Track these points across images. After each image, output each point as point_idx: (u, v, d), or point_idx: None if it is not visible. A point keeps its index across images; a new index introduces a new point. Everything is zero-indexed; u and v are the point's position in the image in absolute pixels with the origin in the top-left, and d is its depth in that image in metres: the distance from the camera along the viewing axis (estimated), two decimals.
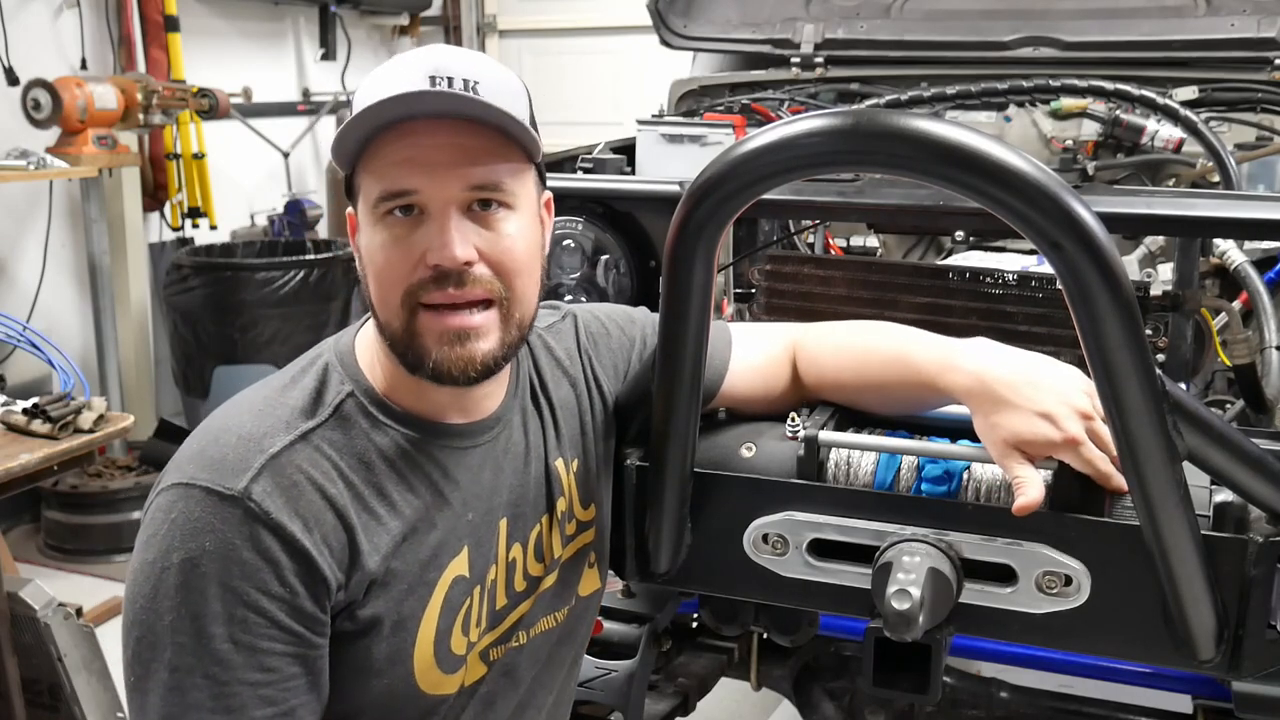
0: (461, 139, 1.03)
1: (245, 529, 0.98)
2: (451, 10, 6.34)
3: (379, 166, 1.03)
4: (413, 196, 1.03)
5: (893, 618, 1.08)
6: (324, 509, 1.02)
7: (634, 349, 1.34)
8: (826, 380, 1.31)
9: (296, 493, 1.01)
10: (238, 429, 1.04)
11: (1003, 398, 1.12)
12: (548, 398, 1.24)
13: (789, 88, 2.63)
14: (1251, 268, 1.78)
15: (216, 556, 0.97)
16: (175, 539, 0.98)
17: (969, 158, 0.91)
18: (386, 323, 1.06)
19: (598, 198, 1.82)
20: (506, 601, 1.17)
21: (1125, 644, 1.18)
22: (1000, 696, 1.87)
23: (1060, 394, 1.11)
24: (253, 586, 0.97)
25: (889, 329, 1.30)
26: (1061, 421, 1.10)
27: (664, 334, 1.15)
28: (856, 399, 1.31)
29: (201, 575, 0.96)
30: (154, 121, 4.10)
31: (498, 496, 1.16)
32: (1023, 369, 1.14)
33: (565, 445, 1.24)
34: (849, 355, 1.29)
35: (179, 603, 0.97)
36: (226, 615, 0.97)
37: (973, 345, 1.20)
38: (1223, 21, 2.42)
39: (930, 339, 1.24)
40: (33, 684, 2.13)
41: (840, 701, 1.99)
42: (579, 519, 1.25)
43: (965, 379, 1.16)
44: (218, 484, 0.99)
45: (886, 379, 1.26)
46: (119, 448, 4.05)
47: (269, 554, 0.98)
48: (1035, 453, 1.12)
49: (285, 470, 1.01)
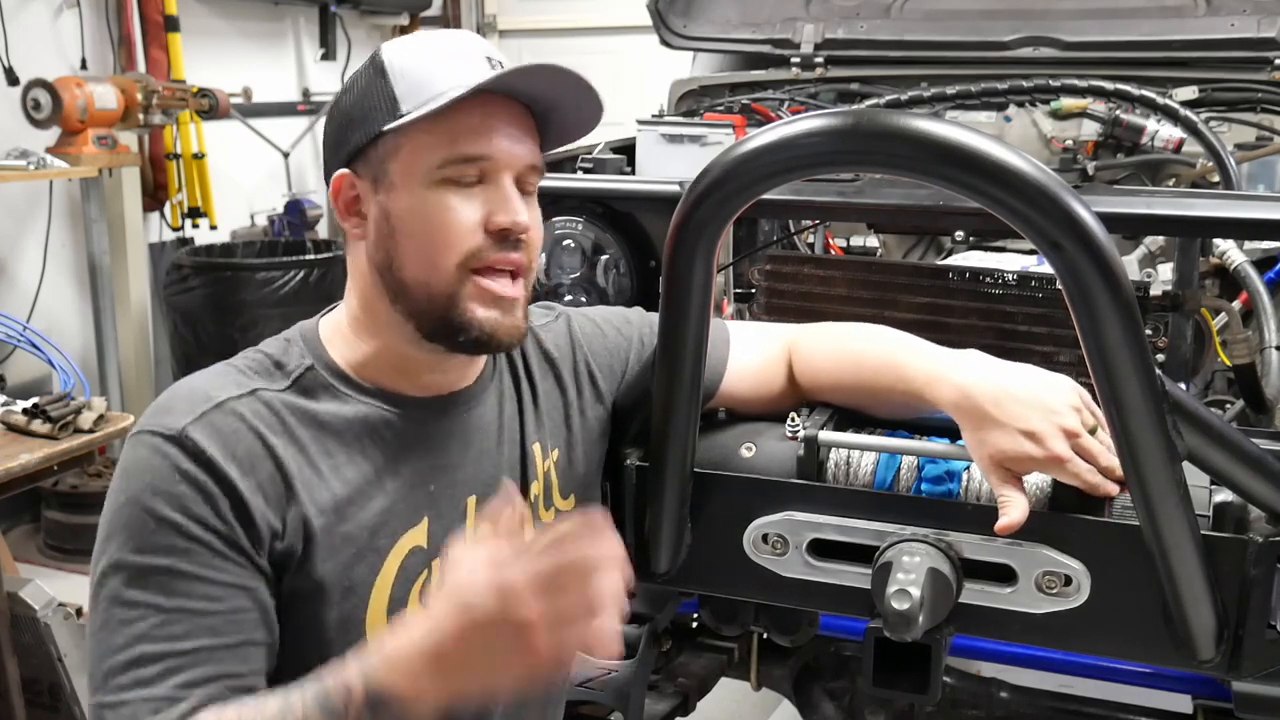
0: (524, 118, 1.10)
1: (182, 466, 1.01)
2: (451, 10, 6.34)
3: (448, 130, 1.05)
4: (484, 163, 1.06)
5: (893, 618, 1.08)
6: (263, 456, 1.04)
7: (630, 349, 1.34)
8: (822, 382, 1.32)
9: (235, 438, 1.03)
10: (190, 385, 1.08)
11: (988, 414, 1.13)
12: (531, 384, 1.25)
13: (789, 88, 2.62)
14: (1251, 268, 1.78)
15: (155, 492, 1.00)
16: (123, 484, 1.02)
17: (969, 158, 0.91)
18: (426, 284, 1.07)
19: (598, 198, 1.82)
20: None
21: (1125, 644, 1.18)
22: (1000, 696, 1.87)
23: (1046, 411, 1.11)
24: (190, 519, 1.00)
25: (884, 335, 1.30)
26: (1046, 440, 1.10)
27: (664, 334, 1.15)
28: (851, 401, 1.31)
29: (143, 511, 0.99)
30: (154, 121, 4.10)
31: (463, 471, 1.16)
32: (1010, 385, 1.14)
33: (546, 433, 1.24)
34: (843, 359, 1.30)
35: (124, 540, 1.00)
36: (168, 546, 0.99)
37: (963, 358, 1.20)
38: (1223, 21, 2.42)
39: (923, 349, 1.24)
40: (33, 684, 2.13)
41: (840, 701, 1.99)
42: (559, 508, 1.25)
43: (952, 393, 1.16)
44: (160, 427, 1.03)
45: (878, 385, 1.26)
46: (119, 448, 4.04)
47: (204, 488, 1.00)
48: (1020, 469, 1.13)
49: (227, 417, 1.04)
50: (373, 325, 1.12)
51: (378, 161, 1.08)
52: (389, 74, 1.07)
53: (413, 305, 1.08)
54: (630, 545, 1.32)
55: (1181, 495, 1.03)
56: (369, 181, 1.09)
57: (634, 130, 2.02)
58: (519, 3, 6.36)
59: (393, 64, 1.08)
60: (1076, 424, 1.11)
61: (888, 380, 1.24)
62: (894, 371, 1.23)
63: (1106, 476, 1.12)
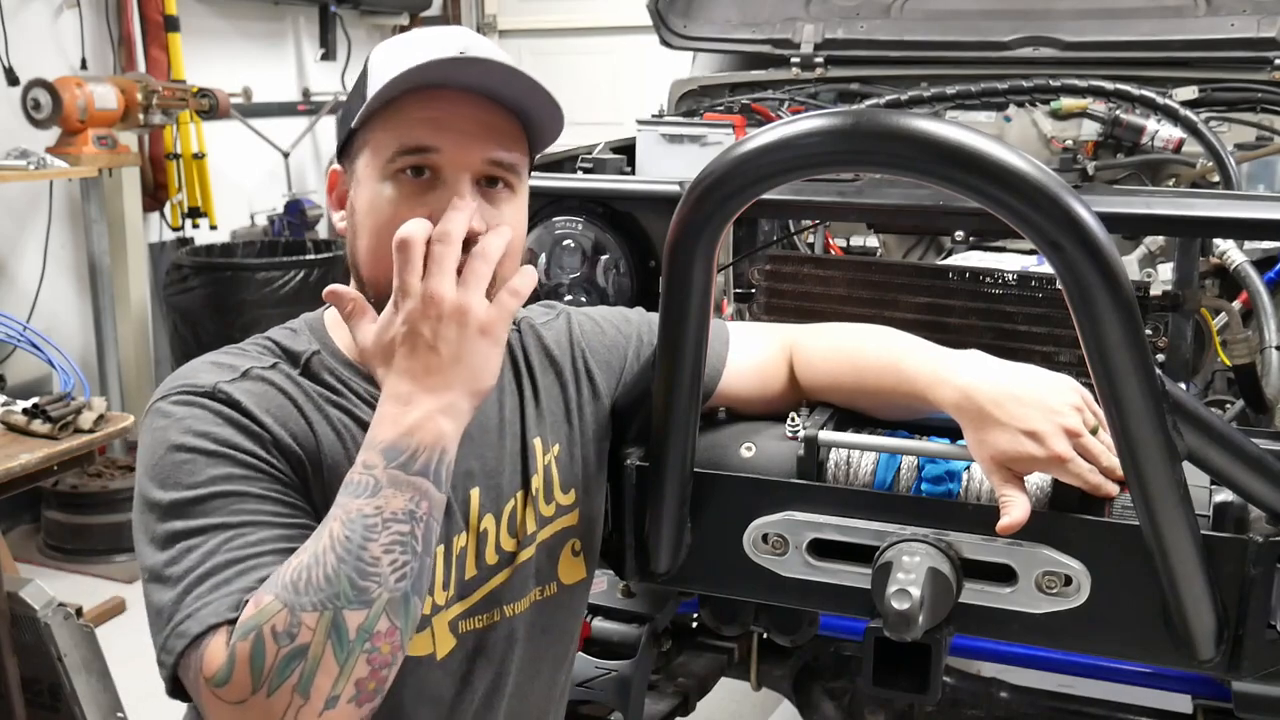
0: (485, 114, 1.06)
1: (223, 412, 1.02)
2: (452, 10, 6.34)
3: (400, 122, 1.05)
4: (431, 155, 1.04)
5: (893, 618, 1.08)
6: (293, 413, 1.06)
7: (630, 346, 1.34)
8: (821, 383, 1.32)
9: (266, 397, 1.05)
10: (206, 361, 1.08)
11: (989, 415, 1.12)
12: (532, 379, 1.25)
13: (789, 88, 2.63)
14: (1251, 268, 1.78)
15: (198, 433, 1.00)
16: (157, 439, 1.01)
17: (969, 158, 0.91)
18: (375, 284, 1.06)
19: (598, 198, 1.82)
20: (476, 573, 1.17)
21: (1125, 644, 1.18)
22: (1000, 696, 1.87)
23: (1047, 410, 1.11)
24: (239, 450, 1.00)
25: (884, 335, 1.30)
26: (1047, 440, 1.10)
27: (664, 334, 1.15)
28: (851, 402, 1.31)
29: (189, 450, 0.99)
30: (154, 121, 4.10)
31: (464, 464, 1.15)
32: (1011, 385, 1.14)
33: (546, 427, 1.24)
34: (843, 360, 1.30)
35: (174, 484, 0.98)
36: (224, 475, 0.98)
37: (963, 359, 1.20)
38: (1223, 21, 2.42)
39: (923, 350, 1.24)
40: (33, 684, 2.13)
41: (840, 701, 1.99)
42: (559, 502, 1.25)
43: (953, 394, 1.16)
44: (187, 387, 1.03)
45: (880, 387, 1.26)
46: (119, 448, 4.05)
47: (247, 429, 1.02)
48: (1021, 469, 1.12)
49: (254, 382, 1.06)
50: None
51: (353, 156, 1.10)
52: (368, 70, 1.09)
53: (371, 301, 1.06)
54: (630, 545, 1.32)
55: (1181, 495, 1.03)
56: (349, 176, 1.11)
57: (634, 130, 2.03)
58: (519, 3, 6.36)
59: (373, 61, 1.10)
60: (1078, 424, 1.11)
61: (890, 382, 1.24)
62: (895, 373, 1.23)
63: (1108, 477, 1.12)
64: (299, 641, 0.88)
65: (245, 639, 0.88)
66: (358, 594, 0.90)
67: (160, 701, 1.04)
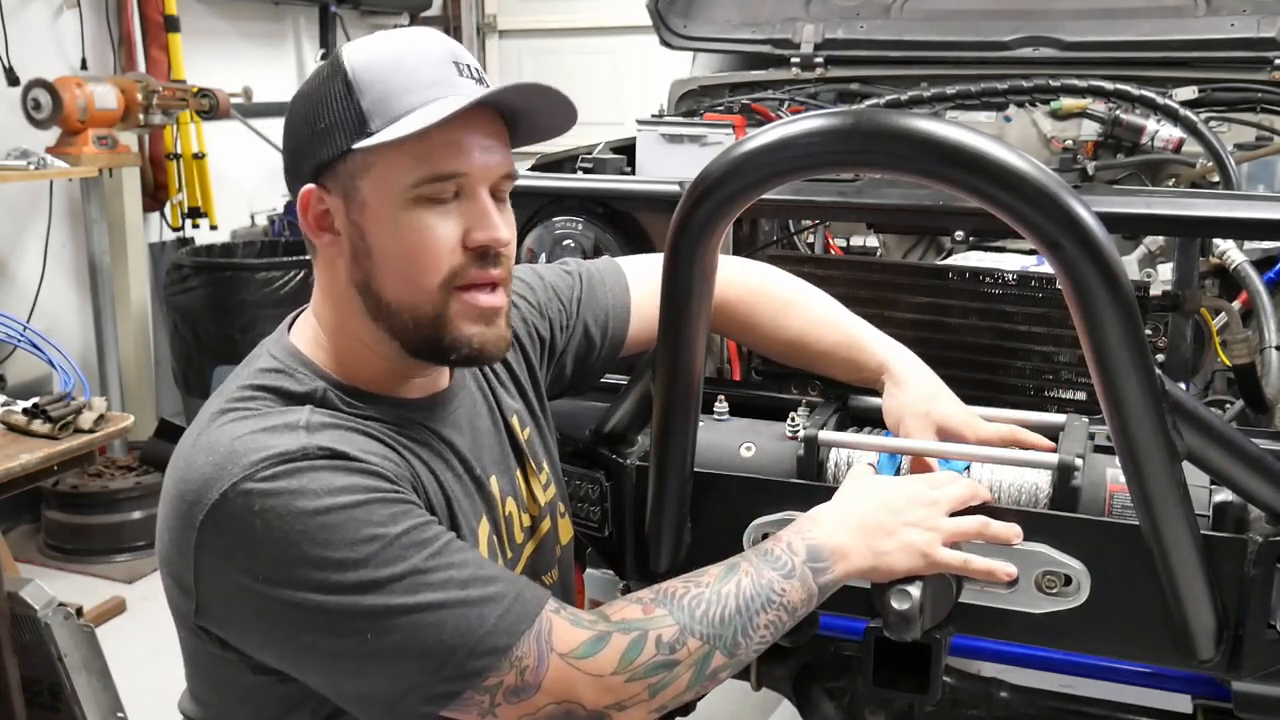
0: (493, 124, 1.07)
1: (339, 466, 0.98)
2: (451, 10, 6.33)
3: (421, 149, 1.01)
4: (460, 180, 1.04)
5: (893, 618, 1.08)
6: (379, 448, 1.04)
7: (568, 291, 1.38)
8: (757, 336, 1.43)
9: (345, 440, 1.01)
10: (251, 436, 1.00)
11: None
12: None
13: (789, 88, 2.62)
14: (1251, 268, 1.78)
15: (337, 490, 0.96)
16: (290, 518, 0.94)
17: (969, 158, 0.91)
18: (413, 307, 1.05)
19: (598, 198, 1.82)
20: (512, 554, 1.20)
21: (1125, 644, 1.18)
22: (1000, 696, 1.86)
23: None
24: (377, 490, 0.98)
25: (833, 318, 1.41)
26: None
27: (664, 334, 1.15)
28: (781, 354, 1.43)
29: (339, 510, 0.95)
30: (154, 121, 4.10)
31: (476, 456, 1.18)
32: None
33: (517, 404, 1.29)
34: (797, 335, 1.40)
35: (349, 540, 0.95)
36: (388, 516, 0.97)
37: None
38: (1223, 21, 2.42)
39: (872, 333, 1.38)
40: (33, 684, 2.13)
41: (840, 701, 1.98)
42: (545, 470, 1.29)
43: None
44: (278, 459, 0.96)
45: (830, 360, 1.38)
46: (119, 448, 4.04)
47: (367, 469, 0.99)
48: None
49: (323, 429, 1.01)
50: (354, 341, 1.09)
51: (347, 177, 1.04)
52: (354, 86, 1.02)
53: (396, 325, 1.06)
54: (630, 545, 1.32)
55: (1181, 495, 1.03)
56: (339, 198, 1.05)
57: (634, 130, 2.02)
58: (519, 3, 6.36)
59: (358, 75, 1.03)
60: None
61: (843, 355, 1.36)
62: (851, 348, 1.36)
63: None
64: (674, 656, 1.01)
65: (628, 634, 1.00)
66: (733, 646, 1.03)
67: (160, 701, 1.04)
